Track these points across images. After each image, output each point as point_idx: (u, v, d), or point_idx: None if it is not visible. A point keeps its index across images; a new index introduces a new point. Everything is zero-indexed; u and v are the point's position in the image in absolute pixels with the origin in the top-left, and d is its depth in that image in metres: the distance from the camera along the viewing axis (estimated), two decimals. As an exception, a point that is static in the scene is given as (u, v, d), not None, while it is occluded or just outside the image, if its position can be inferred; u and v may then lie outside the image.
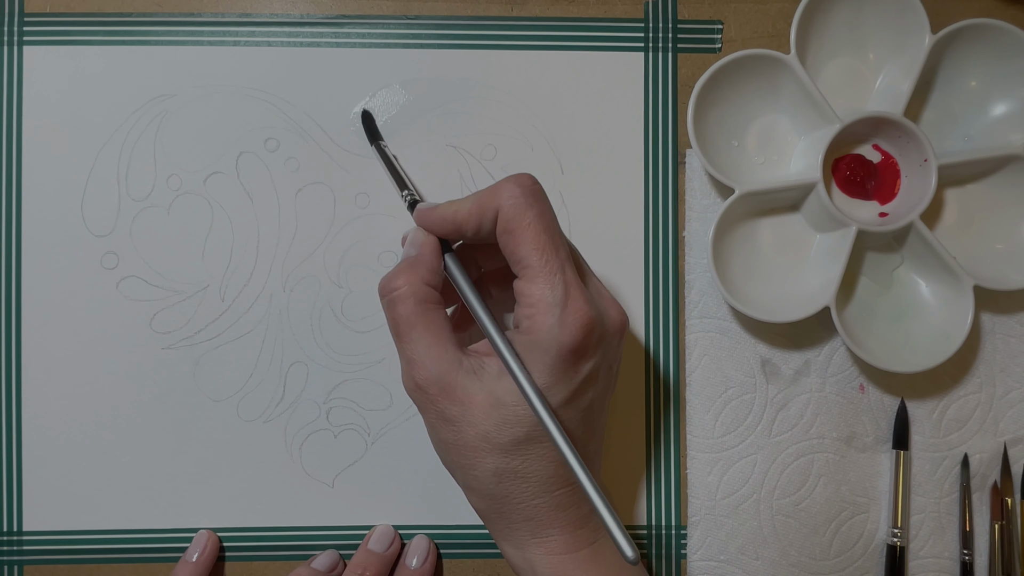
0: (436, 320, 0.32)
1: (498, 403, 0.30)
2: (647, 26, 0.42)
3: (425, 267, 0.32)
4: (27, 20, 0.41)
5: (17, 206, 0.41)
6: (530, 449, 0.31)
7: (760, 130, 0.42)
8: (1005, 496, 0.42)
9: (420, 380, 0.31)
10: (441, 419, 0.31)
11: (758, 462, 0.42)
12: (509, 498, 0.32)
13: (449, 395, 0.31)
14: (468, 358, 0.32)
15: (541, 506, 0.32)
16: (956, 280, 0.39)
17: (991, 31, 0.39)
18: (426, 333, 0.31)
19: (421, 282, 0.32)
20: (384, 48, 0.41)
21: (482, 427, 0.31)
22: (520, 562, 0.33)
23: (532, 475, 0.31)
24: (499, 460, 0.31)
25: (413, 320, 0.31)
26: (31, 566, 0.41)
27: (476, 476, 0.32)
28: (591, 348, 0.31)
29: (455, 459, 0.32)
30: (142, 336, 0.41)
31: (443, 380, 0.31)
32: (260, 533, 0.41)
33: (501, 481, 0.31)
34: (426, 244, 0.33)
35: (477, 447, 0.31)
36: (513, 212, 0.31)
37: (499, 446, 0.31)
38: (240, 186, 0.41)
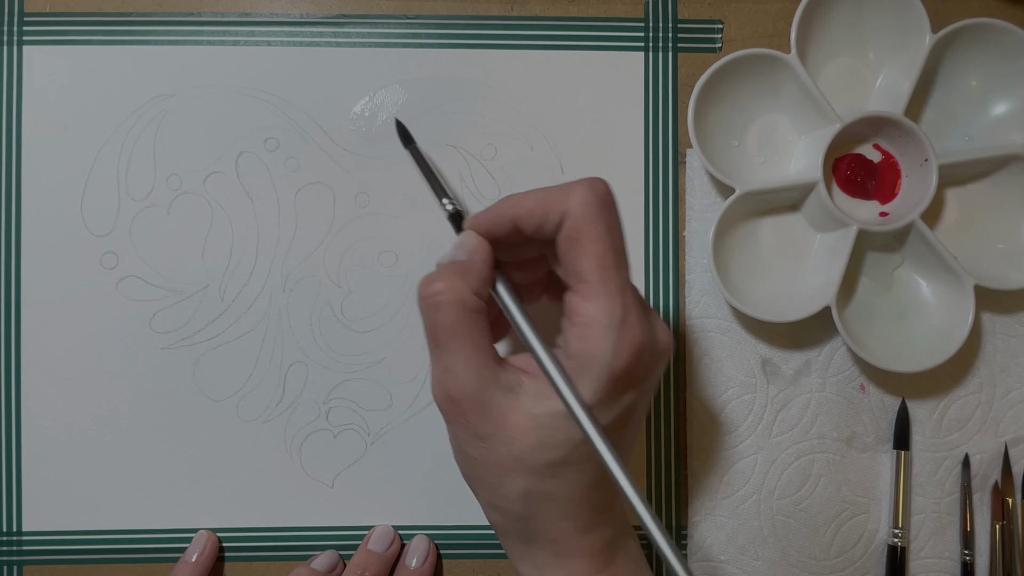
0: (479, 332, 0.30)
1: (536, 425, 0.29)
2: (647, 26, 0.42)
3: (476, 275, 0.30)
4: (27, 20, 0.41)
5: (17, 206, 0.41)
6: (564, 473, 0.29)
7: (760, 130, 0.42)
8: (1006, 496, 0.42)
9: (454, 392, 0.29)
10: (471, 434, 0.30)
11: (758, 462, 0.42)
12: (535, 519, 0.30)
13: (484, 412, 0.29)
14: (506, 373, 0.30)
15: (567, 529, 0.30)
16: (957, 280, 0.39)
17: (991, 31, 0.39)
18: (467, 344, 0.29)
19: (469, 290, 0.30)
20: (384, 48, 0.41)
21: (516, 448, 0.29)
22: None
23: (562, 498, 0.30)
24: (530, 481, 0.29)
25: (457, 329, 0.29)
26: (30, 566, 0.41)
27: (503, 495, 0.30)
28: (639, 376, 0.29)
29: (481, 476, 0.31)
30: (142, 336, 0.41)
31: (480, 396, 0.29)
32: (259, 533, 0.41)
33: (529, 502, 0.30)
34: (479, 251, 0.31)
35: (508, 467, 0.29)
36: (583, 221, 0.29)
37: (532, 468, 0.29)
38: (240, 186, 0.41)
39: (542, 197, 0.30)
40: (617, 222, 0.30)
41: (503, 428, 0.29)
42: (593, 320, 0.28)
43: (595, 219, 0.29)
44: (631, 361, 0.28)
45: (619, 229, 0.30)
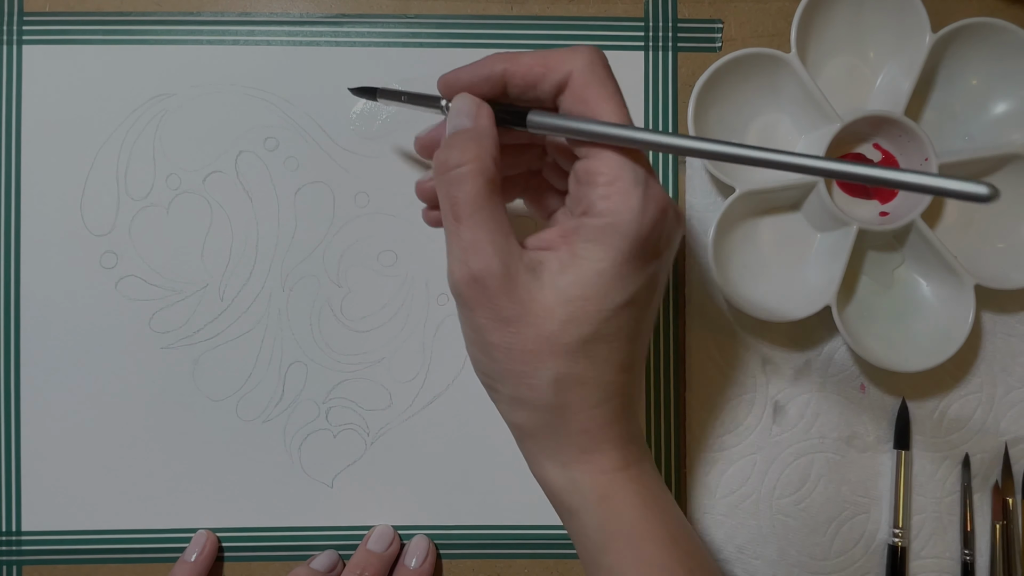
0: (501, 206, 0.28)
1: (564, 299, 0.27)
2: (647, 25, 0.42)
3: (490, 139, 0.28)
4: (27, 20, 0.41)
5: (16, 205, 0.41)
6: (595, 350, 0.28)
7: (761, 129, 0.42)
8: (1006, 496, 0.42)
9: (479, 270, 0.27)
10: (495, 319, 0.28)
11: (758, 462, 0.42)
12: (566, 408, 0.29)
13: (511, 291, 0.27)
14: (527, 252, 0.28)
15: (597, 417, 0.29)
16: (957, 279, 0.39)
17: (991, 30, 0.39)
18: (491, 218, 0.28)
19: (490, 158, 0.28)
20: (384, 47, 0.41)
21: (546, 327, 0.27)
22: (564, 483, 0.30)
23: (594, 381, 0.29)
24: (560, 364, 0.28)
25: (480, 201, 0.28)
26: (29, 566, 0.41)
27: (532, 384, 0.28)
28: (663, 240, 0.28)
29: (507, 367, 0.29)
30: (141, 336, 0.41)
31: (507, 273, 0.27)
32: (259, 533, 0.41)
33: (560, 389, 0.28)
34: (481, 113, 0.29)
35: (538, 350, 0.28)
36: (593, 79, 0.28)
37: (564, 347, 0.28)
38: (239, 185, 0.41)
39: (541, 55, 0.29)
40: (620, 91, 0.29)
41: (529, 307, 0.28)
42: (617, 176, 0.27)
43: (605, 78, 0.28)
44: (658, 219, 0.27)
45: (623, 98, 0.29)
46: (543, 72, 0.29)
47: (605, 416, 0.29)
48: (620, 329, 0.28)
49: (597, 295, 0.27)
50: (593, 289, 0.27)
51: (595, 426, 0.29)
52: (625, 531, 0.30)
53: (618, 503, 0.30)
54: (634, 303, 0.28)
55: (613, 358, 0.29)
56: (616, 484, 0.30)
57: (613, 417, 0.30)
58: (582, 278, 0.27)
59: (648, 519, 0.30)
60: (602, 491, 0.30)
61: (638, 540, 0.30)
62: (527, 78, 0.29)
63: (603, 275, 0.27)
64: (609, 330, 0.28)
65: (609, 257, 0.27)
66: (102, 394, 0.41)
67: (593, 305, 0.28)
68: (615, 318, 0.28)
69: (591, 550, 0.30)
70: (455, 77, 0.31)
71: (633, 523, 0.30)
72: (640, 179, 0.27)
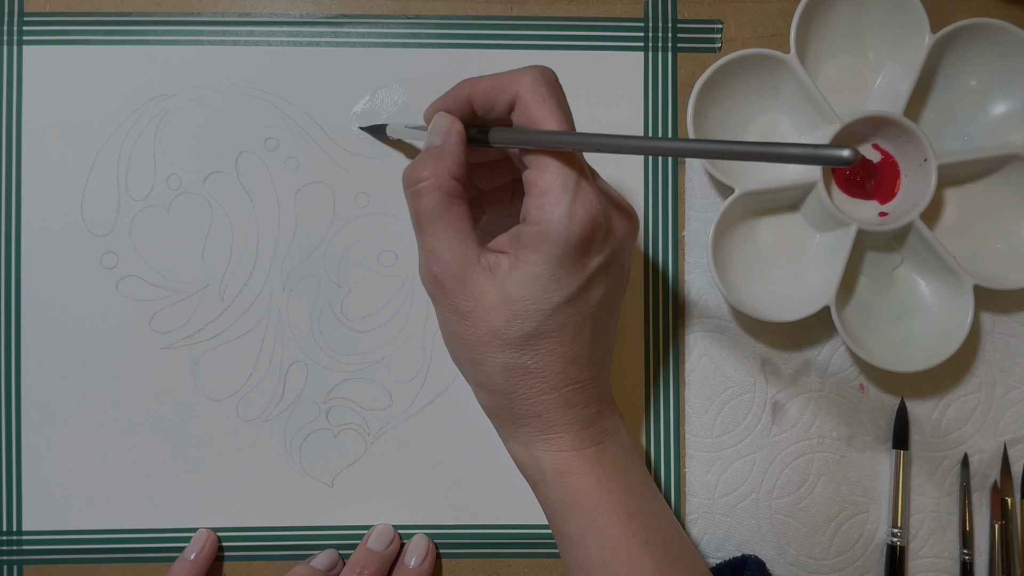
0: (459, 215, 0.32)
1: (508, 299, 0.31)
2: (647, 25, 0.42)
3: (451, 158, 0.32)
4: (27, 20, 0.41)
5: (17, 206, 0.41)
6: (539, 344, 0.31)
7: (760, 129, 0.42)
8: (1005, 496, 0.42)
9: (438, 272, 0.32)
10: (455, 313, 0.32)
11: (757, 461, 0.42)
12: (518, 394, 0.32)
13: (464, 290, 0.31)
14: (485, 254, 0.32)
15: (549, 402, 0.32)
16: (956, 279, 0.39)
17: (991, 30, 0.39)
18: (448, 227, 0.31)
19: (447, 174, 0.32)
20: (384, 48, 0.41)
21: (493, 322, 0.31)
22: (527, 459, 0.34)
23: (541, 371, 0.32)
24: (509, 356, 0.31)
25: (437, 213, 0.31)
26: (30, 566, 0.41)
27: (486, 371, 0.32)
28: (598, 242, 0.31)
29: (466, 353, 0.33)
30: (141, 336, 0.41)
31: (460, 274, 0.31)
32: (259, 533, 0.41)
33: (510, 376, 0.32)
34: (451, 133, 0.33)
35: (488, 342, 0.31)
36: (534, 100, 0.30)
37: (509, 341, 0.31)
38: (240, 186, 0.41)
39: (495, 78, 0.32)
40: (565, 104, 0.31)
41: (480, 304, 0.31)
42: (549, 188, 0.30)
43: (547, 97, 0.31)
44: (587, 226, 0.30)
45: (568, 110, 0.31)
46: (496, 94, 0.32)
47: (557, 402, 0.32)
48: (563, 325, 0.31)
49: (535, 296, 0.31)
50: (531, 291, 0.31)
51: (547, 411, 0.33)
52: (581, 505, 0.33)
53: (575, 480, 0.33)
54: (573, 300, 0.31)
55: (558, 351, 0.32)
56: (573, 462, 0.33)
57: (565, 403, 0.33)
58: (522, 280, 0.31)
59: (604, 495, 0.33)
60: (559, 468, 0.33)
61: (594, 514, 0.33)
62: (485, 100, 0.32)
63: (539, 278, 0.30)
64: (550, 326, 0.31)
65: (544, 261, 0.30)
66: (102, 394, 0.41)
67: (533, 304, 0.31)
68: (555, 315, 0.31)
69: (554, 519, 0.34)
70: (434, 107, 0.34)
71: (588, 498, 0.33)
72: (569, 188, 0.30)
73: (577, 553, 0.33)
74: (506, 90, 0.31)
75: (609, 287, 0.32)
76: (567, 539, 0.34)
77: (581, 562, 0.33)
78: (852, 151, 0.22)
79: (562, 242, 0.30)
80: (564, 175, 0.30)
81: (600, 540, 0.33)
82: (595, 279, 0.31)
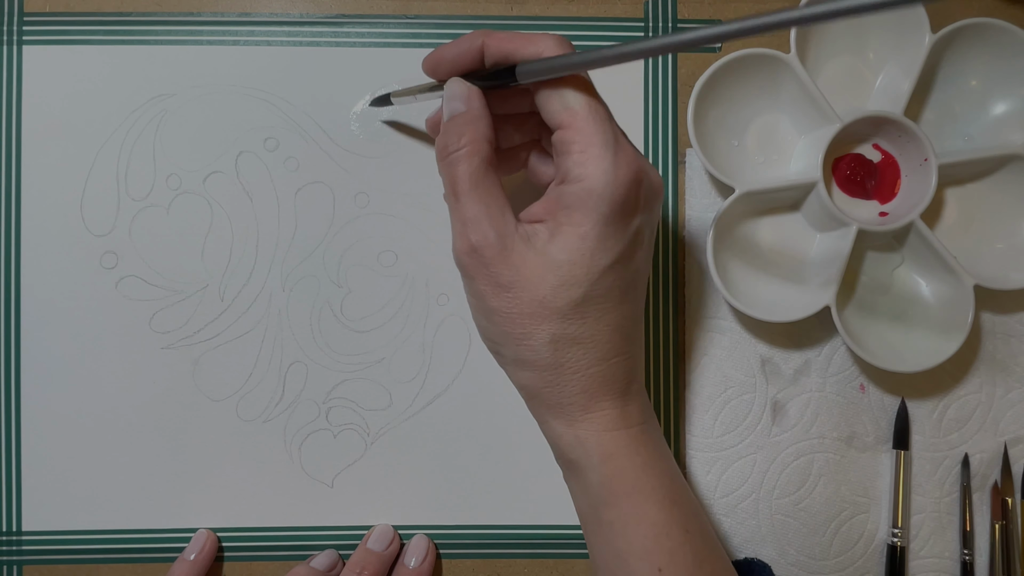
0: (496, 181, 0.31)
1: (554, 265, 0.30)
2: (647, 25, 0.42)
3: (484, 122, 0.31)
4: (27, 20, 0.41)
5: (16, 206, 0.41)
6: (587, 311, 0.30)
7: (760, 129, 0.42)
8: (1005, 496, 0.42)
9: (477, 241, 0.30)
10: (494, 285, 0.30)
11: (757, 461, 0.42)
12: (565, 367, 0.31)
13: (506, 258, 0.30)
14: (521, 224, 0.31)
15: (596, 376, 0.31)
16: (956, 279, 0.39)
17: (991, 30, 0.39)
18: (486, 194, 0.30)
19: (484, 139, 0.31)
20: (384, 48, 0.41)
21: (539, 291, 0.30)
22: (571, 440, 0.32)
23: (589, 340, 0.31)
24: (556, 326, 0.30)
25: (477, 179, 0.30)
26: (30, 566, 0.41)
27: (531, 346, 0.31)
28: (640, 202, 0.30)
29: (507, 329, 0.31)
30: (141, 336, 0.41)
31: (501, 243, 0.30)
32: (259, 533, 0.41)
33: (557, 349, 0.31)
34: (472, 96, 0.32)
35: (533, 313, 0.30)
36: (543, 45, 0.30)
37: (556, 310, 0.30)
38: (239, 185, 0.41)
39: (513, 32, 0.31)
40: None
41: (523, 273, 0.30)
42: (589, 143, 0.29)
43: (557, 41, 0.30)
44: (633, 184, 0.29)
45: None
46: (515, 47, 0.31)
47: (604, 375, 0.31)
48: (610, 289, 0.30)
49: (583, 258, 0.29)
50: (579, 253, 0.29)
51: (594, 385, 0.31)
52: (627, 489, 0.31)
53: (621, 461, 0.32)
54: (619, 262, 0.30)
55: (606, 318, 0.31)
56: (619, 442, 0.32)
57: (612, 376, 0.31)
58: (568, 244, 0.30)
59: (649, 478, 0.32)
60: (606, 449, 0.32)
61: (639, 498, 0.32)
62: (500, 50, 0.31)
63: (586, 239, 0.29)
64: (599, 291, 0.30)
65: (590, 220, 0.29)
66: (102, 394, 0.41)
67: (580, 268, 0.30)
68: (603, 279, 0.30)
69: (593, 505, 0.32)
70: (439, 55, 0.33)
71: (635, 481, 0.32)
72: (610, 143, 0.29)
73: (616, 540, 0.32)
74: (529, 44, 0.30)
75: (645, 251, 0.32)
76: (606, 526, 0.32)
77: (620, 549, 0.32)
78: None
79: (607, 197, 0.29)
80: (604, 131, 0.29)
81: (645, 527, 0.31)
82: (637, 239, 0.31)
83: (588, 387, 0.31)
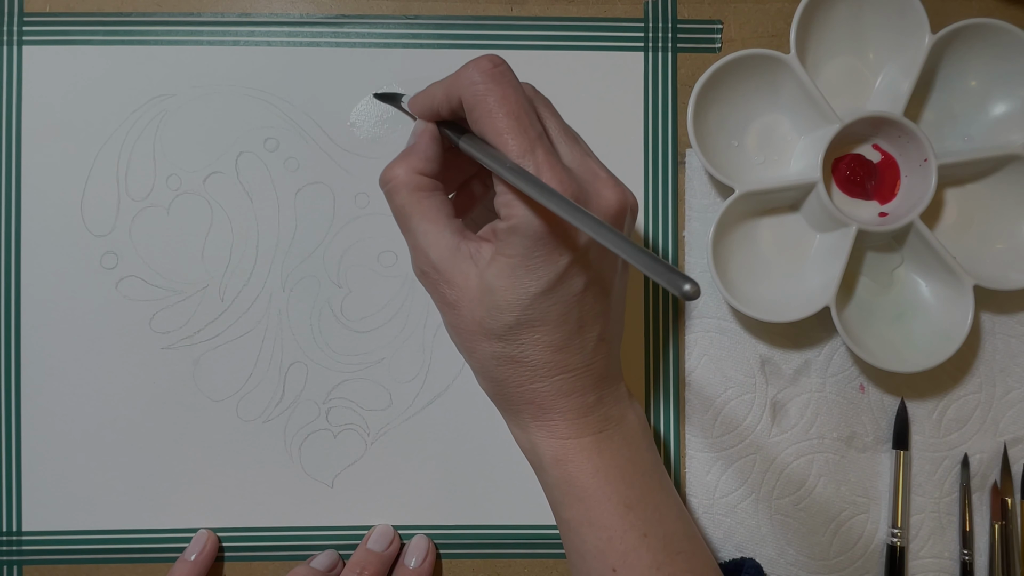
0: (432, 207, 0.32)
1: (488, 289, 0.30)
2: (647, 26, 0.42)
3: (418, 156, 0.32)
4: (27, 20, 0.41)
5: (17, 206, 0.41)
6: (522, 335, 0.31)
7: (760, 130, 0.42)
8: (1005, 496, 0.42)
9: (423, 266, 0.32)
10: (444, 303, 0.32)
11: (757, 462, 0.42)
12: (508, 382, 0.32)
13: (448, 280, 0.31)
14: (467, 243, 0.32)
15: (540, 390, 0.32)
16: (956, 280, 0.39)
17: (991, 31, 0.39)
18: (423, 221, 0.32)
19: (413, 171, 0.32)
20: (384, 48, 0.41)
21: (476, 313, 0.31)
22: (525, 443, 0.34)
23: (527, 360, 0.32)
24: (495, 345, 0.31)
25: (409, 209, 0.32)
26: (30, 566, 0.41)
27: (477, 359, 0.32)
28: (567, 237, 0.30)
29: (459, 342, 0.33)
30: (141, 336, 0.41)
31: (441, 265, 0.31)
32: (259, 533, 0.41)
33: (500, 365, 0.32)
34: (423, 133, 0.33)
35: (475, 332, 0.32)
36: (474, 101, 0.30)
37: (492, 331, 0.31)
38: (240, 186, 0.41)
39: (444, 85, 0.32)
40: (510, 90, 0.30)
41: (464, 294, 0.31)
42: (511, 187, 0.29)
43: (484, 95, 0.30)
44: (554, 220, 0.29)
45: (515, 95, 0.30)
46: (448, 100, 0.31)
47: (548, 391, 0.32)
48: (544, 315, 0.31)
49: (513, 286, 0.30)
50: (508, 280, 0.30)
51: (539, 398, 0.32)
52: (577, 493, 0.33)
53: (571, 468, 0.33)
54: (552, 291, 0.30)
55: (542, 340, 0.31)
56: (570, 450, 0.33)
57: (559, 392, 0.32)
58: (500, 271, 0.30)
59: (602, 485, 0.32)
60: (556, 455, 0.33)
61: (590, 503, 0.33)
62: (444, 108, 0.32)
63: (516, 269, 0.30)
64: (531, 316, 0.31)
65: (517, 253, 0.30)
66: (102, 394, 0.41)
67: (511, 294, 0.30)
68: (534, 305, 0.30)
69: (553, 503, 0.34)
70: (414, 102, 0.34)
71: (584, 488, 0.32)
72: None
73: (573, 538, 0.33)
74: (453, 96, 0.31)
75: (594, 273, 0.31)
76: (565, 524, 0.34)
77: (577, 548, 0.33)
78: (693, 286, 0.23)
79: (531, 235, 0.29)
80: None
81: (596, 529, 0.32)
82: (573, 267, 0.31)
83: (532, 400, 0.32)
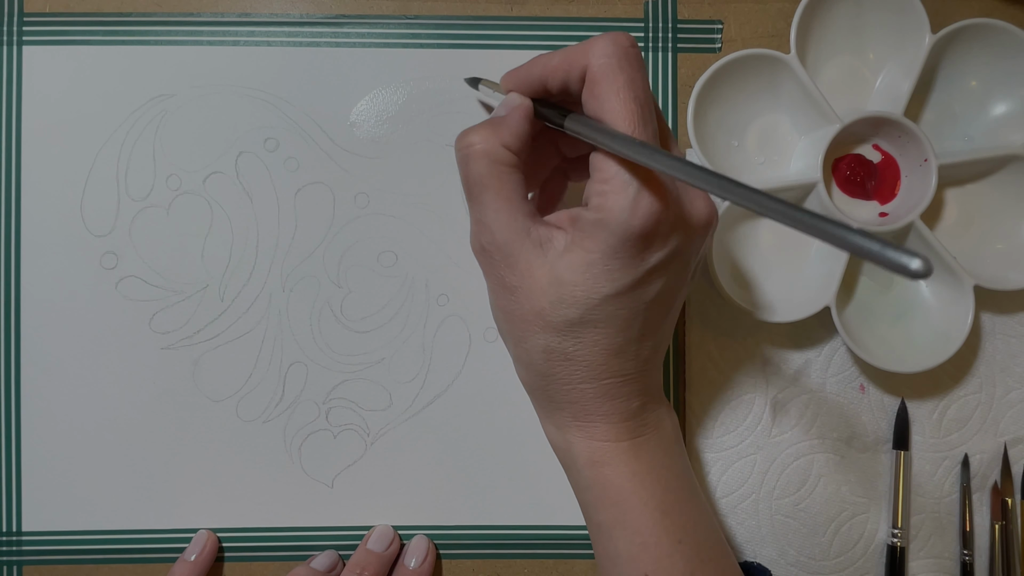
0: (509, 184, 0.30)
1: (557, 281, 0.29)
2: (647, 26, 0.42)
3: (508, 129, 0.30)
4: (27, 20, 0.41)
5: (16, 206, 0.41)
6: (582, 333, 0.30)
7: (760, 130, 0.42)
8: (1005, 496, 0.42)
9: (485, 243, 0.30)
10: (501, 286, 0.31)
11: (757, 462, 0.42)
12: (555, 377, 0.31)
13: (511, 264, 0.30)
14: (537, 228, 0.30)
15: (587, 391, 0.31)
16: (956, 280, 0.39)
17: (991, 31, 0.39)
18: (497, 197, 0.30)
19: (499, 142, 0.30)
20: (384, 48, 0.41)
21: (538, 303, 0.30)
22: (560, 442, 0.33)
23: (581, 359, 0.30)
24: (550, 339, 0.30)
25: (486, 180, 0.30)
26: (30, 566, 0.41)
27: (526, 350, 0.31)
28: (660, 237, 0.29)
29: (509, 328, 0.32)
30: (141, 336, 0.41)
31: (507, 247, 0.30)
32: (259, 533, 0.41)
33: (549, 359, 0.31)
34: (517, 108, 0.31)
35: (530, 321, 0.30)
36: (602, 74, 0.28)
37: (551, 324, 0.30)
38: (239, 186, 0.41)
39: (566, 53, 0.30)
40: (642, 76, 0.29)
41: (527, 281, 0.30)
42: (613, 175, 0.28)
43: (615, 71, 0.28)
44: (650, 221, 0.28)
45: (644, 83, 0.29)
46: (567, 69, 0.29)
47: (595, 392, 0.31)
48: (609, 317, 0.30)
49: (585, 283, 0.29)
50: (582, 277, 0.29)
51: (584, 399, 0.31)
52: (612, 496, 0.32)
53: (607, 471, 0.32)
54: (625, 295, 0.29)
55: (602, 342, 0.30)
56: (606, 453, 0.32)
57: (605, 395, 0.31)
58: (573, 265, 0.29)
59: (638, 489, 0.32)
60: (592, 457, 0.32)
61: (625, 507, 0.32)
62: (556, 78, 0.30)
63: (592, 266, 0.29)
64: (596, 316, 0.29)
65: (599, 250, 0.28)
66: (102, 394, 0.41)
67: (581, 291, 0.29)
68: (603, 306, 0.29)
69: (585, 505, 0.33)
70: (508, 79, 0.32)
71: (620, 491, 0.32)
72: (632, 181, 0.28)
73: (606, 543, 0.32)
74: (575, 65, 0.29)
75: (668, 283, 0.30)
76: (596, 527, 0.33)
77: (609, 552, 0.32)
78: (924, 263, 0.18)
79: (620, 234, 0.28)
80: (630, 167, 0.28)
81: (630, 534, 0.32)
82: (653, 275, 0.29)
83: (577, 400, 0.31)
